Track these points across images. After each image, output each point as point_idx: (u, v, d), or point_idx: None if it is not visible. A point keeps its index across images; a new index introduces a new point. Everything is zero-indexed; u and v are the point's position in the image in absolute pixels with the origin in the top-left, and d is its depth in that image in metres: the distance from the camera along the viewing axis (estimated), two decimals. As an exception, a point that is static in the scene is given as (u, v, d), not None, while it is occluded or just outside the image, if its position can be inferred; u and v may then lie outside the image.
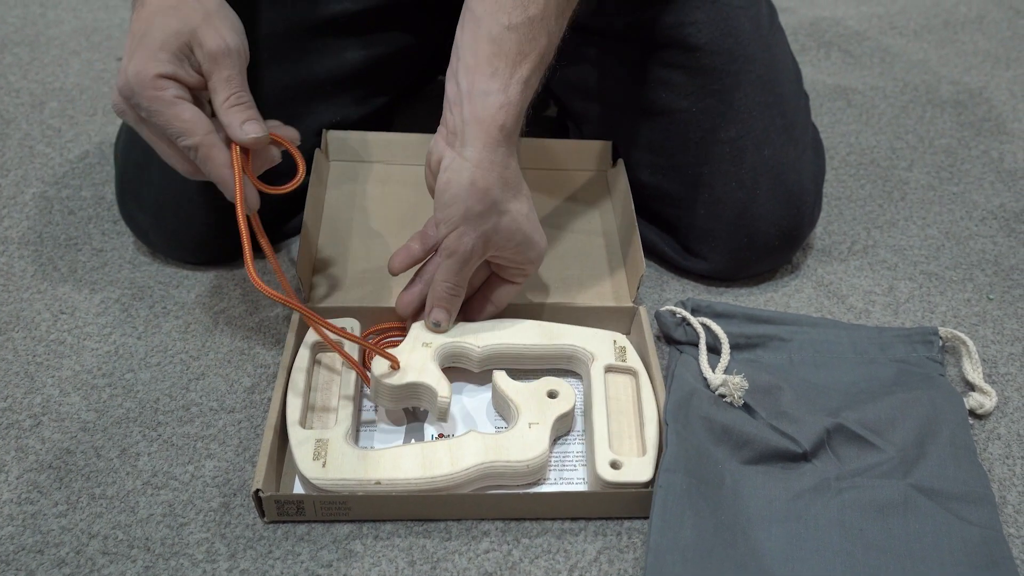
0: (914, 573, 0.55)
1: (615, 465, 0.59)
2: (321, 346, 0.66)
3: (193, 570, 0.56)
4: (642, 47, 0.77)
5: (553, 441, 0.63)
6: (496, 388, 0.64)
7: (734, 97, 0.74)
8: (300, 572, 0.56)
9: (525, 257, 0.64)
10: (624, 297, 0.74)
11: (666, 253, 0.80)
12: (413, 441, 0.63)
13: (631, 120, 0.79)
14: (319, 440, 0.59)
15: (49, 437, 0.64)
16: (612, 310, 0.72)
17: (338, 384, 0.65)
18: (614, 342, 0.68)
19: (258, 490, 0.56)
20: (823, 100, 1.09)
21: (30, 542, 0.57)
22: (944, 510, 0.58)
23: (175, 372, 0.69)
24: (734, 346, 0.69)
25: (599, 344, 0.67)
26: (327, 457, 0.58)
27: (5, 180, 0.88)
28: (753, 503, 0.58)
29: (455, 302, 0.65)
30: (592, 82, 0.82)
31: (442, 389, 0.62)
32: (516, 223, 0.61)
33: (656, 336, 0.72)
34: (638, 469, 0.59)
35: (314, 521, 0.59)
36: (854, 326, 0.73)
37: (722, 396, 0.64)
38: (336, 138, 0.82)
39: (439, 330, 0.66)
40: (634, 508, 0.59)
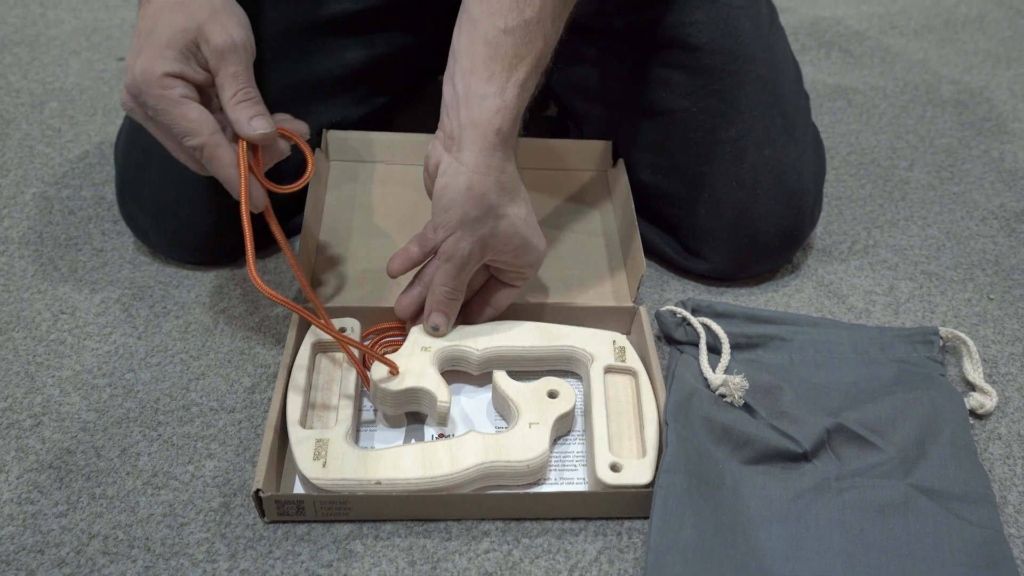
0: (915, 573, 0.55)
1: (615, 468, 0.59)
2: (322, 346, 0.66)
3: (193, 570, 0.56)
4: (642, 47, 0.77)
5: (553, 441, 0.63)
6: (496, 388, 0.64)
7: (735, 97, 0.74)
8: (300, 572, 0.56)
9: (524, 261, 0.64)
10: (624, 297, 0.73)
11: (666, 253, 0.80)
12: (413, 441, 0.63)
13: (631, 120, 0.79)
14: (319, 440, 0.59)
15: (49, 437, 0.64)
16: (612, 310, 0.72)
17: (338, 384, 0.65)
18: (613, 342, 0.68)
19: (258, 490, 0.56)
20: (823, 100, 1.09)
21: (30, 542, 0.57)
22: (945, 510, 0.58)
23: (175, 372, 0.69)
24: (734, 346, 0.69)
25: (598, 345, 0.67)
26: (327, 457, 0.58)
27: (5, 180, 0.88)
28: (753, 503, 0.58)
29: (453, 306, 0.65)
30: (592, 82, 0.82)
31: (441, 394, 0.62)
32: (514, 227, 0.61)
33: (656, 336, 0.72)
34: (638, 471, 0.59)
35: (314, 521, 0.59)
36: (854, 326, 0.73)
37: (722, 396, 0.64)
38: (336, 138, 0.82)
39: (437, 334, 0.66)
40: (634, 508, 0.59)
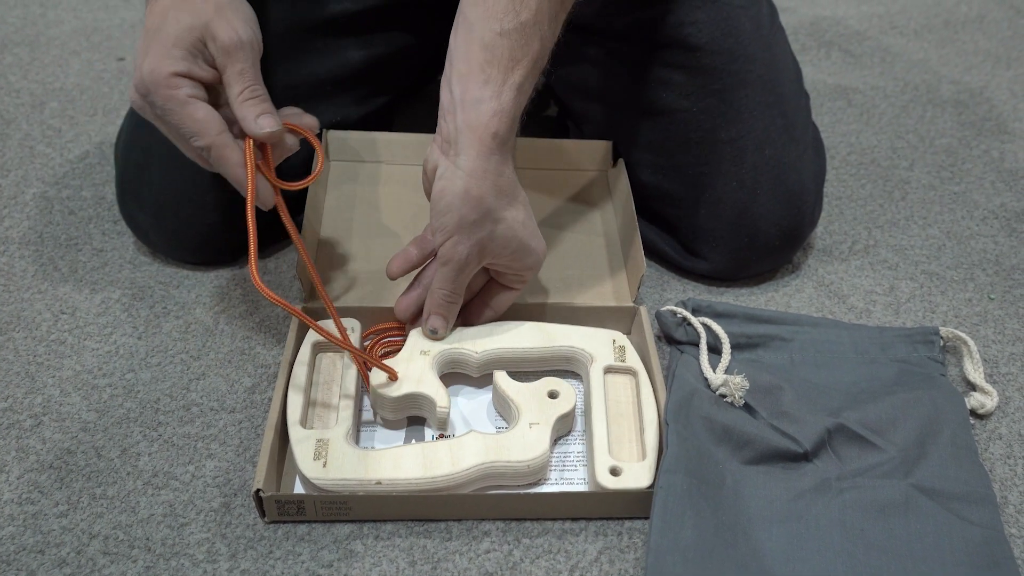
0: (915, 573, 0.55)
1: (615, 472, 0.59)
2: (322, 346, 0.66)
3: (194, 570, 0.56)
4: (643, 47, 0.76)
5: (554, 441, 0.63)
6: (497, 388, 0.64)
7: (735, 97, 0.74)
8: (301, 572, 0.56)
9: (522, 264, 0.64)
10: (625, 297, 0.73)
11: (667, 253, 0.80)
12: (414, 441, 0.63)
13: (632, 120, 0.79)
14: (320, 440, 0.59)
15: (50, 437, 0.64)
16: (613, 310, 0.72)
17: (339, 384, 0.65)
18: (613, 341, 0.68)
19: (259, 490, 0.56)
20: (824, 100, 1.09)
21: (31, 542, 0.57)
22: (945, 510, 0.58)
23: (176, 372, 0.69)
24: (735, 346, 0.69)
25: (598, 344, 0.67)
26: (328, 457, 0.58)
27: (6, 180, 0.88)
28: (754, 503, 0.58)
29: (452, 309, 0.65)
30: (593, 82, 0.82)
31: (441, 399, 0.62)
32: (512, 231, 0.61)
33: (657, 336, 0.72)
34: (638, 475, 0.59)
35: (315, 521, 0.59)
36: (855, 326, 0.73)
37: (723, 396, 0.64)
38: (336, 138, 0.82)
39: (436, 337, 0.65)
40: (635, 508, 0.59)
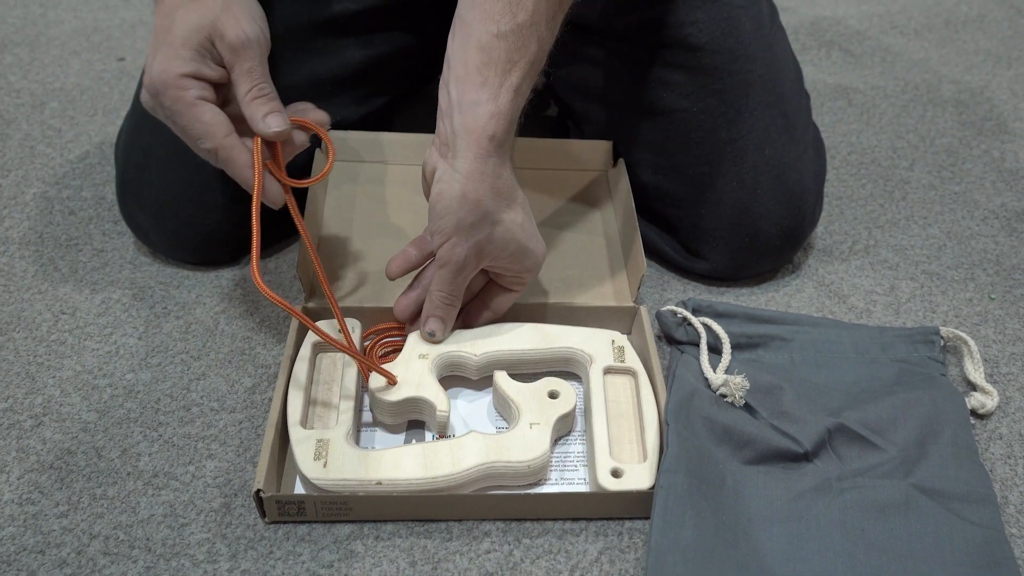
0: (916, 573, 0.55)
1: (616, 473, 0.59)
2: (322, 346, 0.66)
3: (194, 570, 0.56)
4: (643, 47, 0.76)
5: (554, 441, 0.63)
6: (497, 388, 0.64)
7: (735, 97, 0.74)
8: (301, 572, 0.56)
9: (521, 266, 0.64)
10: (625, 297, 0.73)
11: (667, 253, 0.80)
12: (414, 441, 0.63)
13: (632, 120, 0.79)
14: (320, 440, 0.59)
15: (50, 438, 0.64)
16: (613, 310, 0.72)
17: (339, 384, 0.64)
18: (612, 341, 0.68)
19: (259, 490, 0.56)
20: (824, 99, 1.09)
21: (31, 543, 0.57)
22: (946, 510, 0.58)
23: (176, 372, 0.69)
24: (735, 346, 0.69)
25: (597, 345, 0.67)
26: (328, 457, 0.58)
27: (6, 180, 0.88)
28: (754, 503, 0.58)
29: (451, 312, 0.64)
30: (593, 82, 0.82)
31: (440, 403, 0.62)
32: (510, 233, 0.61)
33: (657, 336, 0.72)
34: (639, 476, 0.59)
35: (315, 521, 0.59)
36: (855, 326, 0.73)
37: (723, 396, 0.64)
38: (336, 138, 0.82)
39: (434, 340, 0.65)
40: (635, 509, 0.59)
